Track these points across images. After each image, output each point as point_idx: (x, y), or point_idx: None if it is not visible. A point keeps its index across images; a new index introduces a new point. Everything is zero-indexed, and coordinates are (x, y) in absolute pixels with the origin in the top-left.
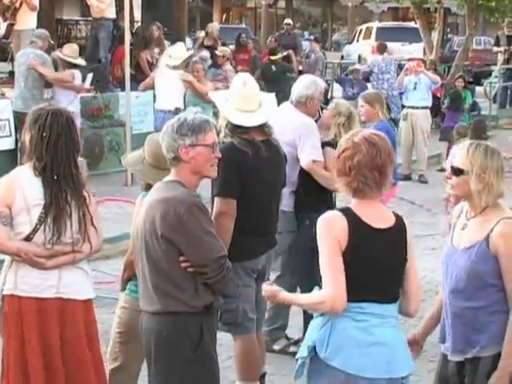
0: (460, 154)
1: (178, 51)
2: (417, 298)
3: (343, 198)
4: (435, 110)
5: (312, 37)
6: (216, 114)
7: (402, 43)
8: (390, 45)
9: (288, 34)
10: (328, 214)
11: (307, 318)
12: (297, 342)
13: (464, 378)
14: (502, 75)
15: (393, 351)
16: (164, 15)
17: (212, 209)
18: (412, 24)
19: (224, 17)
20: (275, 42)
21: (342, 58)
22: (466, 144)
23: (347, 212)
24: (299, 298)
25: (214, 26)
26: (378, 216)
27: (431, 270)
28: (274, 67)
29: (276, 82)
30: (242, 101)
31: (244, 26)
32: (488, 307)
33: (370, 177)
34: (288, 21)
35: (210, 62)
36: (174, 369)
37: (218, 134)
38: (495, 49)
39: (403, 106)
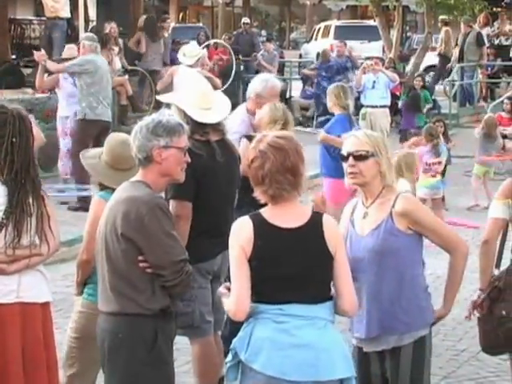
0: (360, 140)
1: (191, 50)
2: (350, 295)
3: None
4: (394, 108)
5: (264, 38)
6: None
7: (360, 41)
8: (349, 43)
9: (246, 33)
10: (237, 221)
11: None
12: None
13: (385, 371)
14: (459, 73)
15: (319, 354)
16: (119, 14)
17: None
18: (371, 22)
19: (181, 16)
20: (229, 41)
21: (301, 56)
22: (357, 133)
23: (255, 217)
24: (225, 302)
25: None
26: (288, 216)
27: None
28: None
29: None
30: (201, 98)
31: (201, 25)
32: (403, 291)
33: (285, 181)
34: (246, 20)
35: None
36: (128, 371)
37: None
38: (452, 49)
39: (361, 106)
